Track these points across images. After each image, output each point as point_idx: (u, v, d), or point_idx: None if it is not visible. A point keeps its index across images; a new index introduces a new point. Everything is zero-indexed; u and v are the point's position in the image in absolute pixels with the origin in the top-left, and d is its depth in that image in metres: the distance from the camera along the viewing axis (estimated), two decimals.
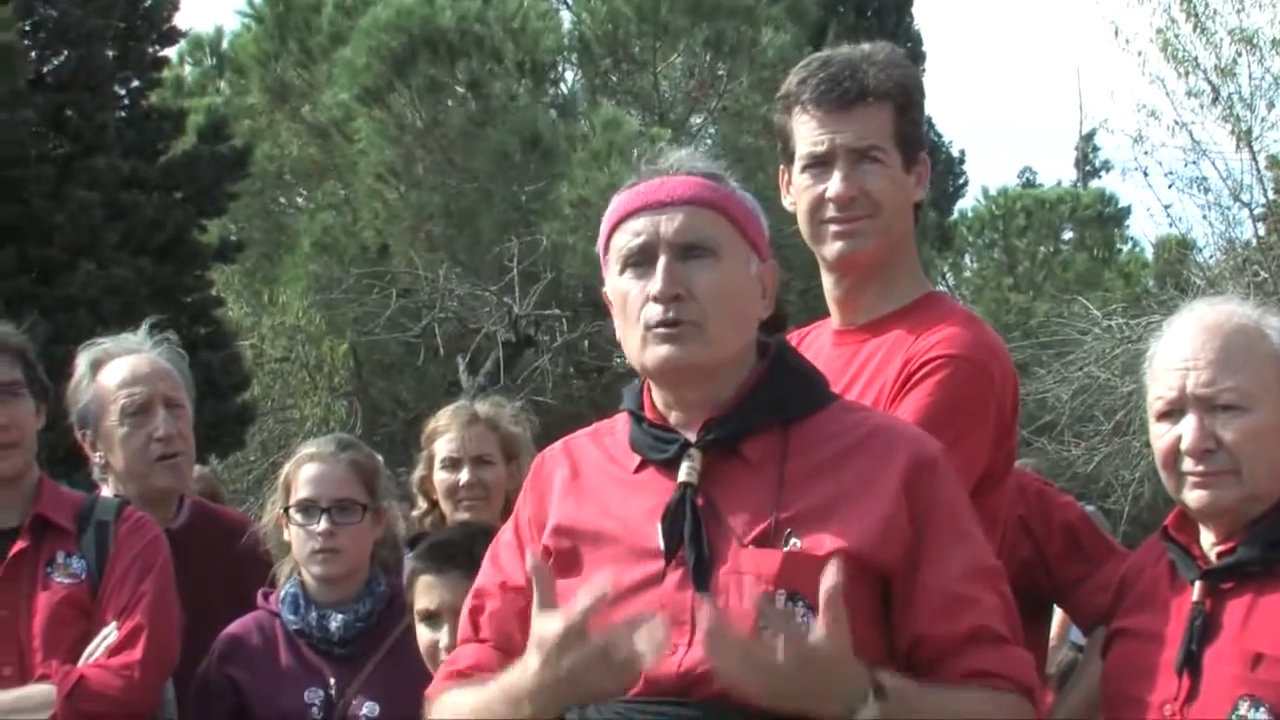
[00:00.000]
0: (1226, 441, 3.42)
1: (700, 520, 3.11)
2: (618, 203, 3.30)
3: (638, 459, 3.28)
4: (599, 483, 3.32)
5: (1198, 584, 3.44)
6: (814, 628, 2.85)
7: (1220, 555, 3.44)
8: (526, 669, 2.98)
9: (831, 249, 3.80)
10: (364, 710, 4.54)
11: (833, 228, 3.78)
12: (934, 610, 3.11)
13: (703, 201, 3.23)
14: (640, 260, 3.22)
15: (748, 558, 3.08)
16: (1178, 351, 3.49)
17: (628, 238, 3.24)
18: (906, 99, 3.77)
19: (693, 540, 3.10)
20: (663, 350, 3.18)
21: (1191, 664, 3.38)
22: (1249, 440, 3.41)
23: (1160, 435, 3.50)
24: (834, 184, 3.74)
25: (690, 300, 3.17)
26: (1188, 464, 3.44)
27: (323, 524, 4.65)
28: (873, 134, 3.73)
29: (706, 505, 3.14)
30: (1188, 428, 3.43)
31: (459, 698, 3.26)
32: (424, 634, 4.32)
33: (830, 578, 2.86)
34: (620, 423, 3.38)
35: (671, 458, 3.21)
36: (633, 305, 3.22)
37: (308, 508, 4.69)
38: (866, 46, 3.86)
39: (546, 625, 2.95)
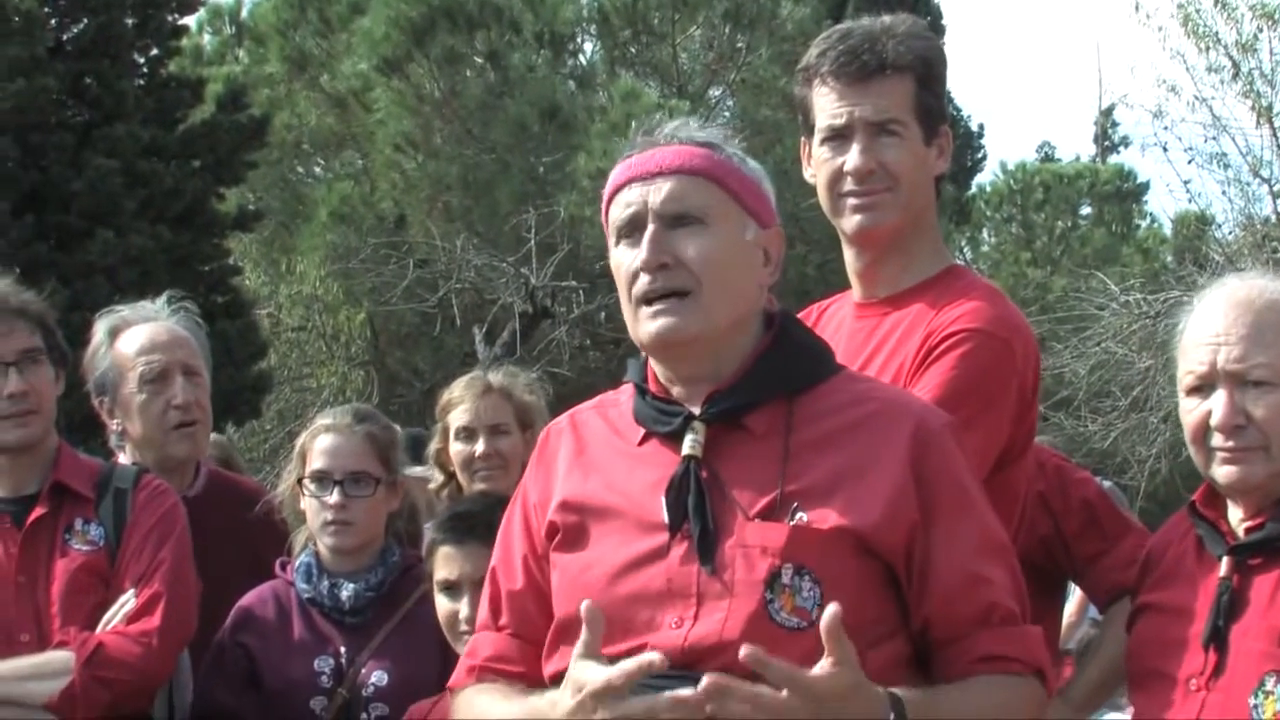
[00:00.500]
0: (1257, 418, 3.41)
1: (705, 493, 3.08)
2: (613, 175, 3.28)
3: (642, 432, 3.26)
4: (604, 456, 3.30)
5: (1225, 559, 3.43)
6: (820, 665, 2.84)
7: (1248, 531, 3.43)
8: (558, 705, 2.97)
9: (850, 222, 3.78)
10: (373, 678, 4.55)
11: (851, 201, 3.76)
12: (945, 591, 3.09)
13: (692, 170, 3.18)
14: (631, 231, 3.20)
15: (753, 531, 3.05)
16: (1209, 326, 3.48)
17: (620, 209, 3.22)
18: (927, 71, 3.75)
19: (697, 513, 3.08)
20: (655, 324, 3.16)
21: (1218, 639, 3.38)
22: (1279, 416, 3.40)
23: (1190, 410, 3.49)
24: (852, 157, 3.73)
25: (679, 268, 3.14)
26: (1217, 439, 3.43)
27: (335, 496, 4.67)
28: (892, 107, 3.71)
29: (711, 478, 3.11)
30: (1218, 403, 3.42)
31: (485, 705, 3.26)
32: (443, 604, 4.33)
33: (830, 610, 2.83)
34: (625, 395, 3.36)
35: (675, 430, 3.18)
36: (625, 277, 3.21)
37: (321, 479, 4.70)
38: (888, 19, 3.82)
39: (588, 673, 2.92)
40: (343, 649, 4.60)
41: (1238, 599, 3.39)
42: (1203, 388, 3.46)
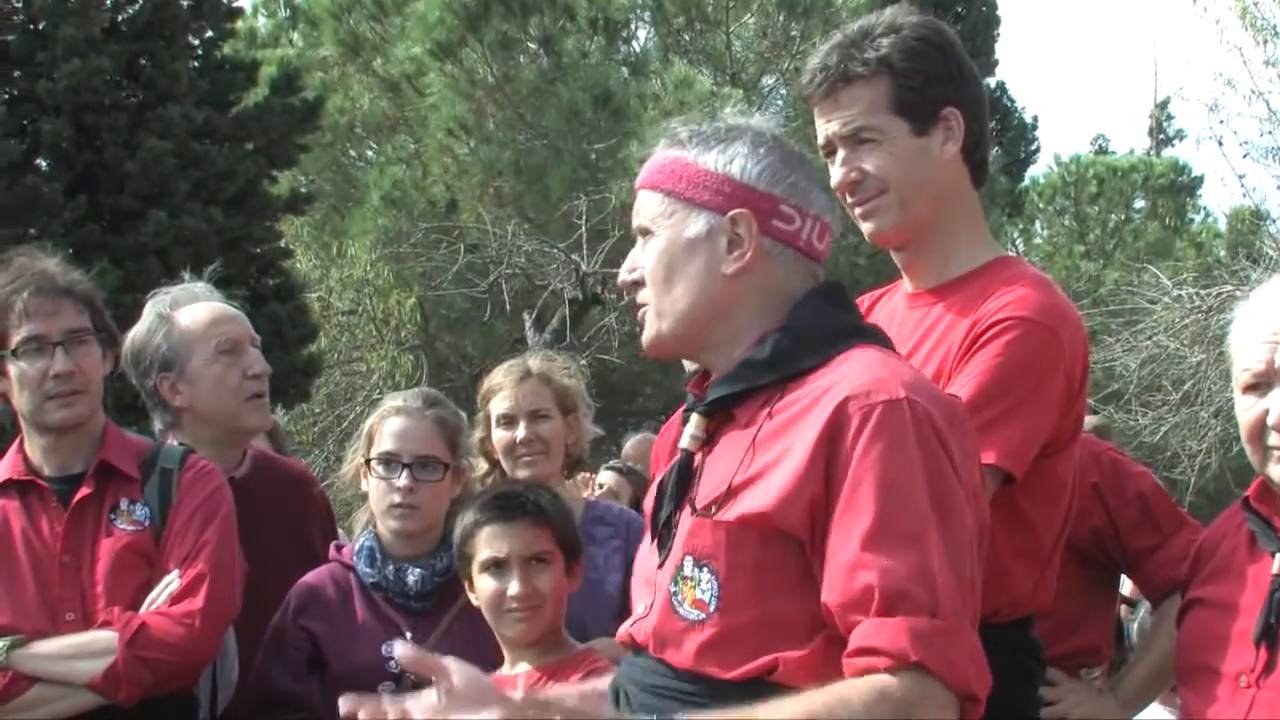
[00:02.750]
0: None
1: (681, 486, 3.13)
2: None
3: None
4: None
5: (1278, 556, 3.40)
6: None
7: None
8: None
9: (864, 229, 3.83)
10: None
11: (855, 210, 3.81)
12: (831, 578, 2.89)
13: (643, 184, 3.26)
14: None
15: (682, 524, 3.08)
16: (1267, 324, 3.43)
17: None
18: (903, 64, 3.71)
19: (664, 506, 3.16)
20: (642, 336, 3.27)
21: (1270, 636, 3.35)
22: None
23: (1246, 408, 3.45)
24: (835, 172, 3.79)
25: (643, 285, 3.23)
26: (1274, 439, 3.39)
27: (404, 479, 4.69)
28: (859, 115, 3.72)
29: (701, 470, 3.13)
30: (1275, 402, 3.37)
31: None
32: (488, 584, 4.33)
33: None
34: None
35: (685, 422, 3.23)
36: None
37: (390, 461, 4.72)
38: (865, 21, 3.84)
39: None
40: (409, 634, 4.60)
41: None
42: (1259, 386, 3.42)
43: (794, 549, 2.93)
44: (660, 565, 3.13)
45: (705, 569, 2.98)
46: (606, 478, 8.59)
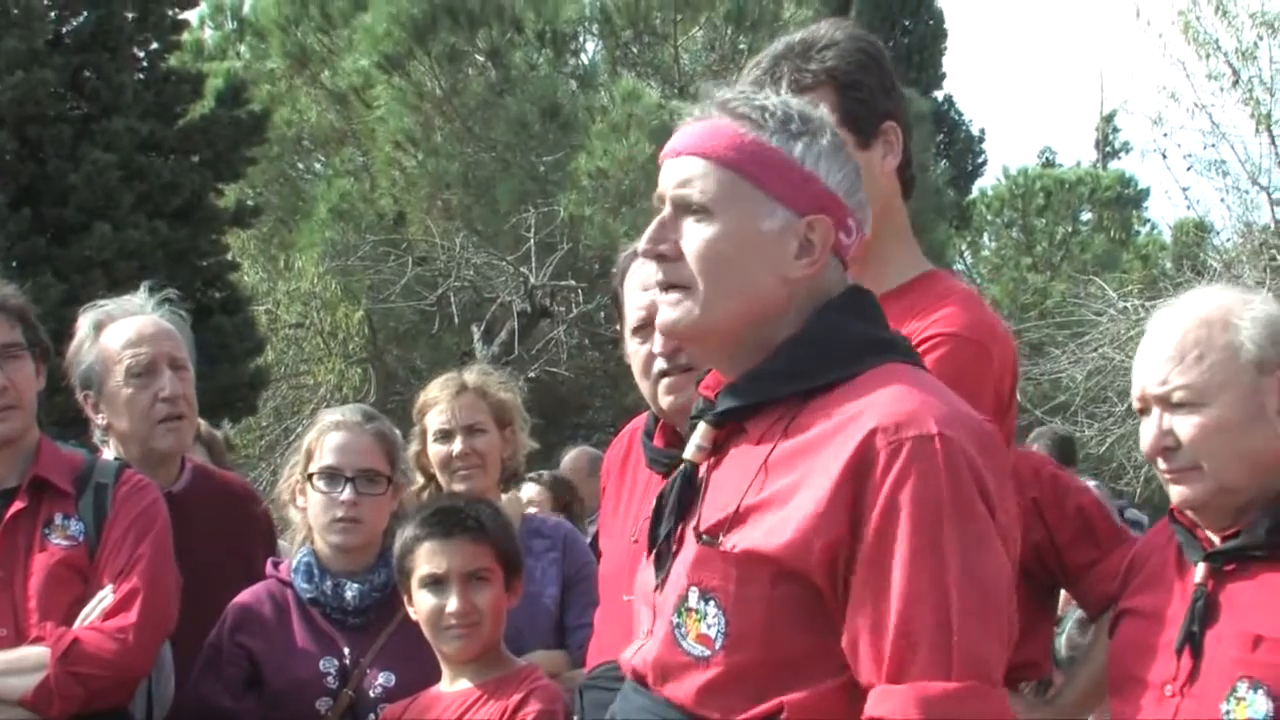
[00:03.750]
0: (1183, 439, 3.43)
1: (681, 503, 2.95)
2: None
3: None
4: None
5: (1201, 565, 3.45)
6: None
7: (1225, 538, 3.44)
8: None
9: None
10: (379, 680, 4.55)
11: None
12: (850, 634, 2.74)
13: (707, 152, 2.97)
14: (659, 210, 3.05)
15: (687, 549, 2.89)
16: (1143, 349, 3.54)
17: (658, 187, 3.08)
18: (848, 77, 3.70)
19: (666, 526, 2.97)
20: (660, 314, 3.03)
21: (1193, 645, 3.39)
22: (1205, 436, 3.42)
23: (1142, 433, 3.54)
24: None
25: (680, 262, 2.96)
26: (1160, 463, 3.47)
27: (347, 493, 4.66)
28: None
29: (706, 485, 2.95)
30: (1148, 430, 3.47)
31: None
32: (427, 600, 4.32)
33: None
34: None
35: (692, 429, 3.05)
36: None
37: (332, 475, 4.69)
38: (805, 33, 3.80)
39: None
40: (346, 650, 4.60)
41: (1213, 605, 3.41)
42: (1146, 409, 3.50)
43: (808, 588, 2.75)
44: (659, 587, 2.96)
45: (712, 602, 2.80)
46: (527, 489, 8.55)
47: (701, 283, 2.94)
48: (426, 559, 4.33)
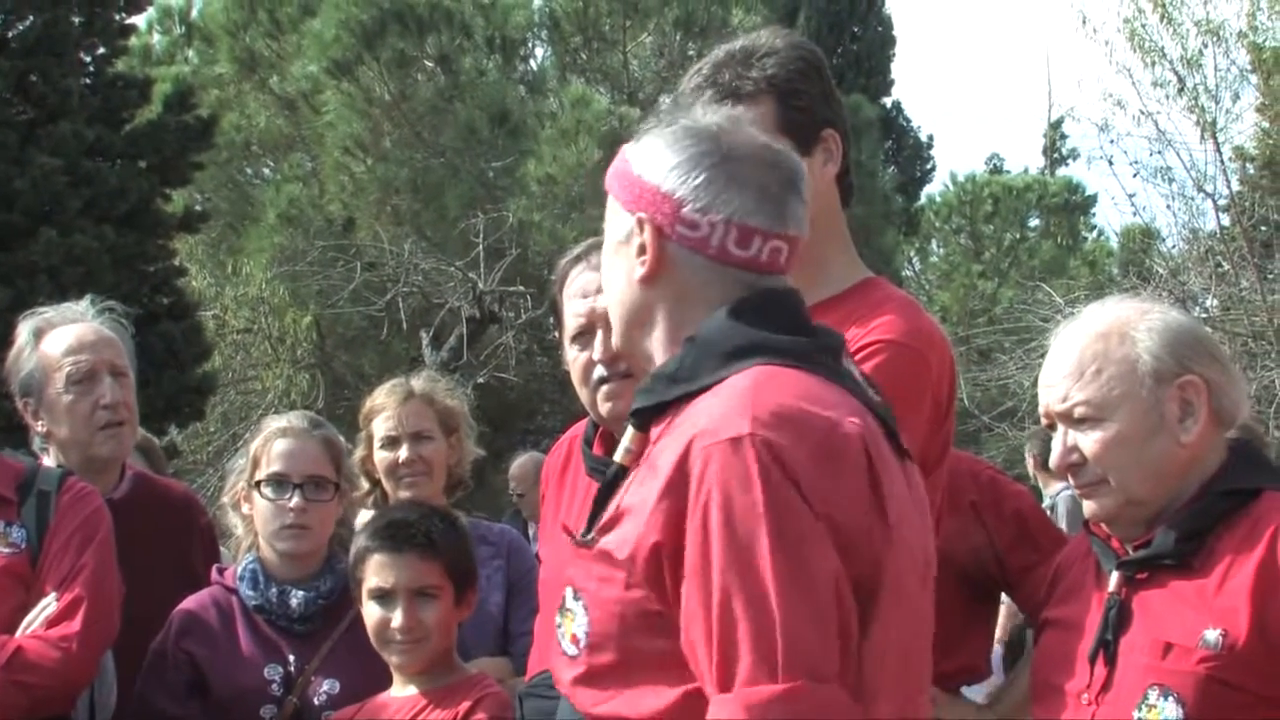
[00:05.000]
0: (1088, 454, 3.47)
1: (600, 504, 2.91)
2: None
3: None
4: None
5: (1114, 574, 3.48)
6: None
7: (1137, 547, 3.47)
8: None
9: None
10: (324, 687, 4.56)
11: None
12: (684, 643, 2.69)
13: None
14: None
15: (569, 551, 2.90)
16: (1045, 366, 3.60)
17: None
18: (788, 85, 3.72)
19: (585, 526, 2.92)
20: None
21: (1107, 653, 3.43)
22: (1107, 451, 3.46)
23: (1051, 449, 3.59)
24: None
25: None
26: (1069, 477, 3.51)
27: (296, 500, 4.66)
28: None
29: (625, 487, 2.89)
30: (1055, 446, 3.50)
31: None
32: (374, 612, 4.33)
33: None
34: None
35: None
36: None
37: (280, 482, 4.69)
38: (745, 41, 3.81)
39: None
40: (291, 658, 4.60)
41: (1126, 614, 3.45)
42: (1052, 426, 3.54)
43: (649, 594, 2.73)
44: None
45: (580, 602, 2.81)
46: None
47: (609, 308, 3.07)
48: (375, 571, 4.34)
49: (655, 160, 2.95)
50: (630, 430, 2.94)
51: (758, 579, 2.60)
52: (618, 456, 2.94)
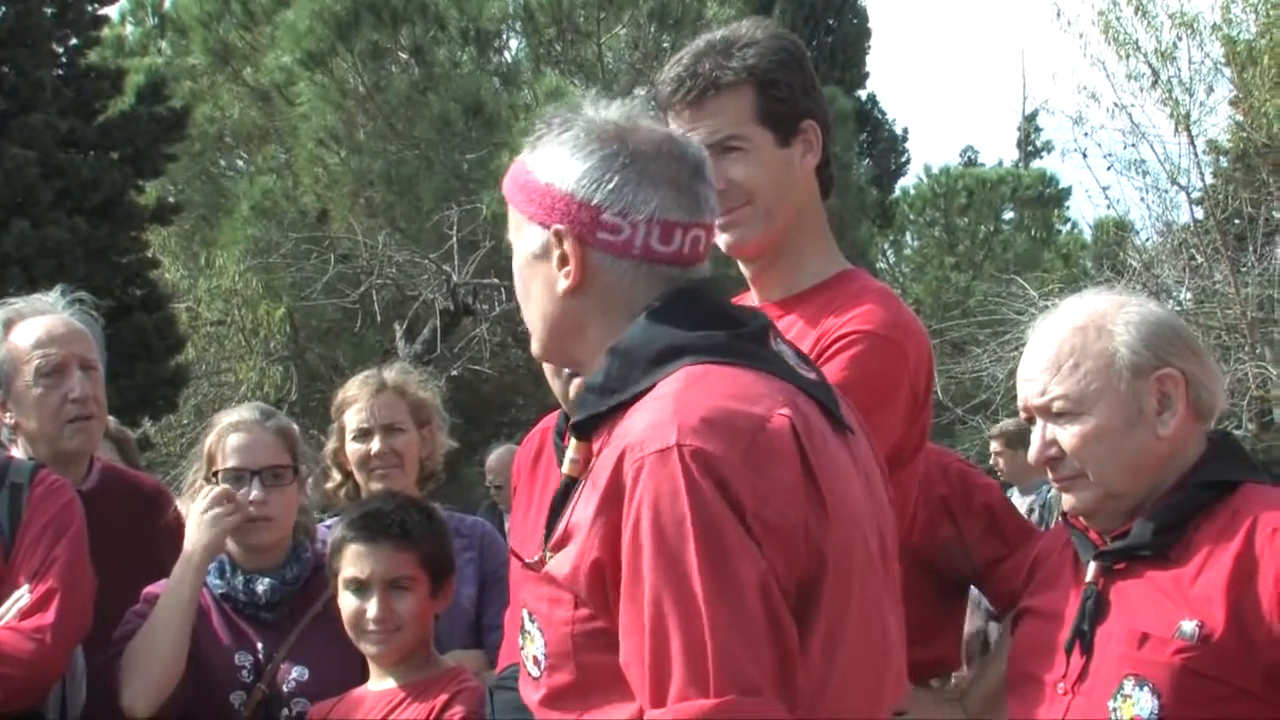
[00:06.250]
0: (1066, 448, 3.48)
1: (553, 518, 2.84)
2: None
3: None
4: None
5: (1092, 564, 3.49)
6: None
7: (1115, 538, 3.48)
8: None
9: (721, 241, 3.72)
10: (293, 674, 4.55)
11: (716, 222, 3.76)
12: (628, 673, 2.68)
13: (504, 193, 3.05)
14: None
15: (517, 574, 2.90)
16: (1024, 360, 3.59)
17: None
18: (768, 75, 3.70)
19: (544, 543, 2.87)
20: None
21: (1083, 643, 3.43)
22: (1086, 444, 3.47)
23: (1031, 442, 3.58)
24: None
25: None
26: (1049, 472, 3.52)
27: (255, 491, 4.65)
28: (727, 124, 3.68)
29: (575, 499, 2.84)
30: (1034, 439, 3.51)
31: None
32: (349, 602, 4.33)
33: None
34: None
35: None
36: None
37: (238, 475, 4.67)
38: (726, 31, 3.81)
39: None
40: (260, 645, 4.59)
41: (1103, 604, 3.45)
42: (1031, 419, 3.55)
43: (596, 612, 2.72)
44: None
45: (535, 624, 2.80)
46: None
47: (526, 317, 3.02)
48: (351, 561, 4.34)
49: (563, 168, 2.91)
50: (574, 440, 2.89)
51: (687, 594, 2.58)
52: (564, 469, 2.89)
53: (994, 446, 12.56)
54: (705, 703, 2.54)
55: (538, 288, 2.95)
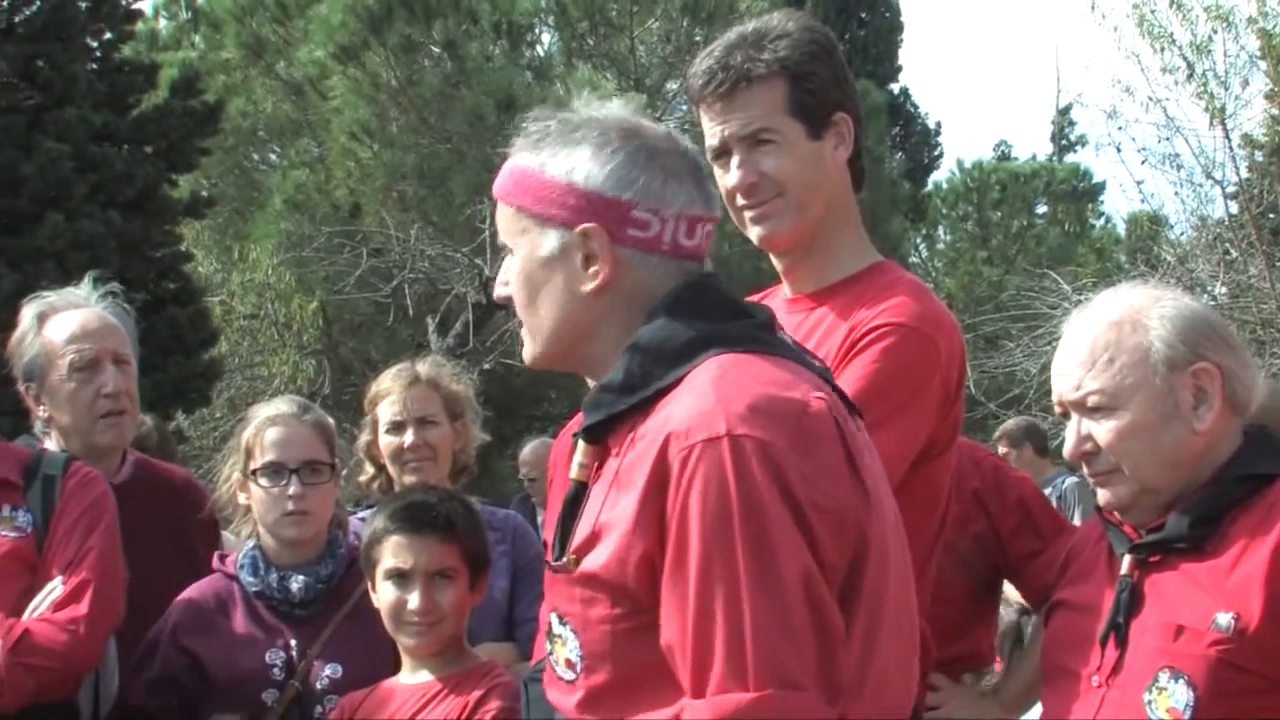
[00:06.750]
0: (1101, 443, 3.47)
1: (565, 523, 2.86)
2: None
3: None
4: None
5: (1127, 558, 3.48)
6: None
7: (1150, 530, 3.47)
8: None
9: (752, 233, 3.78)
10: (325, 671, 4.55)
11: (747, 214, 3.76)
12: (671, 662, 2.69)
13: (497, 194, 3.03)
14: None
15: (547, 577, 2.89)
16: (1058, 354, 3.58)
17: None
18: (800, 67, 3.69)
19: (556, 547, 2.87)
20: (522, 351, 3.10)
21: (1118, 635, 3.42)
22: (1121, 439, 3.46)
23: (1065, 438, 3.57)
24: (731, 174, 3.72)
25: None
26: (1084, 468, 3.51)
27: (294, 486, 4.66)
28: (759, 116, 3.68)
29: (586, 503, 2.86)
30: (1069, 435, 3.50)
31: None
32: (390, 593, 4.32)
33: None
34: None
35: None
36: None
37: (276, 470, 4.68)
38: (757, 23, 3.80)
39: None
40: (293, 642, 4.59)
41: (1138, 596, 3.44)
42: (1065, 414, 3.54)
43: (640, 606, 2.72)
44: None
45: (568, 626, 2.80)
46: None
47: (522, 315, 3.00)
48: (393, 553, 4.34)
49: (587, 166, 2.91)
50: (582, 445, 2.90)
51: (732, 584, 2.60)
52: (572, 474, 2.90)
53: (1000, 450, 12.56)
54: (744, 696, 2.56)
55: (553, 290, 2.93)
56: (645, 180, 2.90)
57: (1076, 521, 8.10)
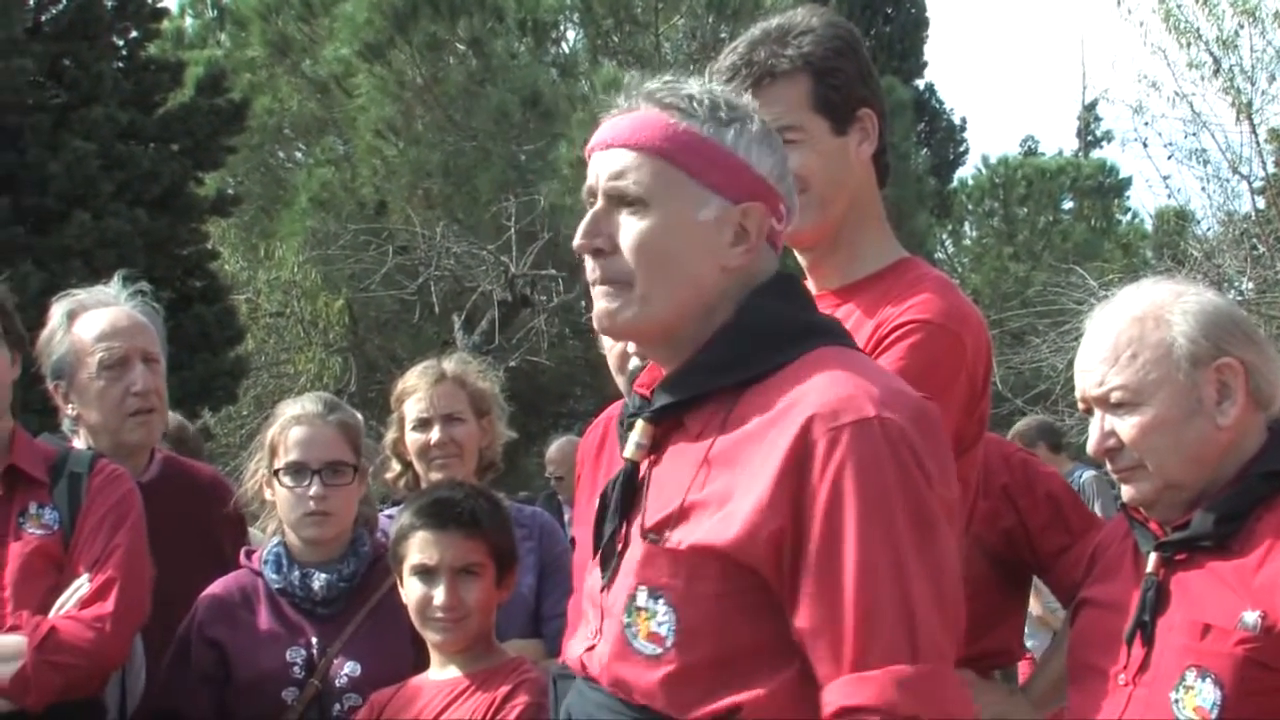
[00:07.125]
0: (1125, 439, 3.45)
1: (624, 503, 2.92)
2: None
3: None
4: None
5: (1152, 555, 3.46)
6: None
7: (1175, 528, 3.45)
8: None
9: None
10: (345, 669, 4.54)
11: None
12: (805, 624, 2.71)
13: (639, 144, 2.94)
14: (591, 204, 3.01)
15: (633, 548, 2.87)
16: (1081, 350, 3.58)
17: (587, 181, 3.04)
18: (824, 63, 3.69)
19: (607, 524, 2.95)
20: (596, 309, 3.00)
21: (1144, 634, 3.41)
22: (1145, 435, 3.44)
23: (1089, 433, 3.58)
24: None
25: (616, 255, 2.93)
26: (1108, 464, 3.49)
27: (315, 487, 4.66)
28: (783, 113, 3.63)
29: (648, 483, 2.91)
30: (1092, 431, 3.49)
31: None
32: (416, 588, 4.33)
33: None
34: None
35: (630, 428, 3.01)
36: None
37: (299, 470, 4.68)
38: (781, 19, 3.79)
39: None
40: (314, 639, 4.59)
41: (1164, 594, 3.42)
42: (1089, 410, 3.52)
43: (756, 581, 2.72)
44: (605, 588, 2.93)
45: (661, 600, 2.78)
46: None
47: (641, 276, 2.92)
48: (419, 549, 4.34)
49: (759, 152, 2.99)
50: (640, 424, 2.93)
51: (898, 561, 2.67)
52: (628, 453, 2.94)
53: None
54: (917, 668, 2.64)
55: (697, 256, 2.93)
56: (789, 181, 3.05)
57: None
